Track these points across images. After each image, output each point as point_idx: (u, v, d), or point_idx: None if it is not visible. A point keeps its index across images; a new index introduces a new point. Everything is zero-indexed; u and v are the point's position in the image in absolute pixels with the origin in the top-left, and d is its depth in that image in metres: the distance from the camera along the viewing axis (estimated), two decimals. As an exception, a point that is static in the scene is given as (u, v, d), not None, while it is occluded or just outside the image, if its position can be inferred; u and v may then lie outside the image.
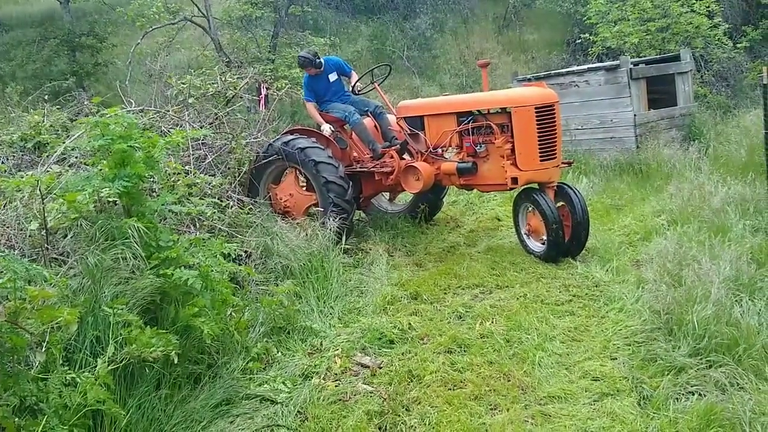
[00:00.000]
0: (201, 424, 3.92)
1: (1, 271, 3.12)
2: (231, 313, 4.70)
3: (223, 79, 8.30)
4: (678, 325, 4.53)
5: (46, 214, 4.06)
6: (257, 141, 8.05)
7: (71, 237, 4.30)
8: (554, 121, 6.75)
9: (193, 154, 6.72)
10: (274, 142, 7.74)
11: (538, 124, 6.62)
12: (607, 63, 12.22)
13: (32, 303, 3.09)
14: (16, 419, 3.01)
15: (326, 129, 7.97)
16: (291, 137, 7.71)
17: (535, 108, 6.62)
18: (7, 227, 4.34)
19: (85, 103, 8.11)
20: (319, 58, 8.15)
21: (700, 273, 4.94)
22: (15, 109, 9.18)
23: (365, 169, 7.97)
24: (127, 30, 22.33)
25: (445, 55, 22.11)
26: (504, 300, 5.74)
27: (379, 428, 3.93)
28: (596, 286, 5.94)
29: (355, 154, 8.24)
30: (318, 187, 7.48)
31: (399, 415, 4.01)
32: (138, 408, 3.72)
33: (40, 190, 3.88)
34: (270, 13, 18.78)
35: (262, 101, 9.05)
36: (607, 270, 6.26)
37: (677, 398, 3.94)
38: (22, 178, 4.54)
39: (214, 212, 5.52)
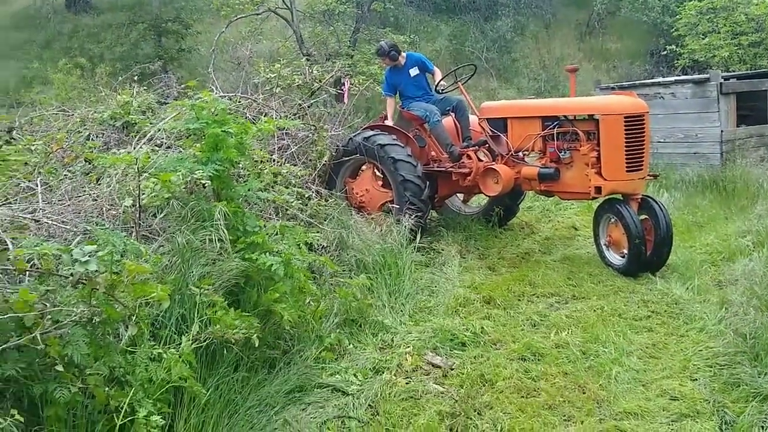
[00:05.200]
0: (274, 409, 3.96)
1: (101, 244, 3.22)
2: (309, 302, 4.74)
3: (311, 70, 8.39)
4: (765, 351, 4.35)
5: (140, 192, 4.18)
6: (337, 134, 8.12)
7: (162, 216, 4.42)
8: (643, 132, 6.57)
9: (277, 144, 6.83)
10: (354, 136, 7.79)
11: (626, 134, 6.46)
12: (696, 76, 11.85)
13: (127, 277, 3.17)
14: (106, 389, 3.10)
15: (388, 122, 8.14)
16: (372, 133, 7.75)
17: (625, 117, 6.46)
18: (104, 202, 4.49)
19: (174, 86, 8.31)
20: (394, 50, 8.16)
21: (792, 299, 4.75)
22: (104, 89, 9.49)
23: (443, 169, 7.93)
24: (211, 18, 22.85)
25: (525, 58, 21.87)
26: (580, 311, 5.62)
27: (451, 429, 3.90)
28: (676, 304, 5.76)
29: (433, 153, 8.21)
30: (395, 185, 7.50)
31: (471, 419, 3.97)
32: (216, 388, 3.77)
33: (138, 168, 3.99)
34: (352, 8, 18.91)
35: (345, 95, 9.12)
36: (688, 288, 6.06)
37: (763, 426, 3.78)
38: (114, 155, 4.68)
39: (298, 202, 5.58)
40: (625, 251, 6.47)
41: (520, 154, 7.39)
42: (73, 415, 3.10)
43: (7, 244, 3.45)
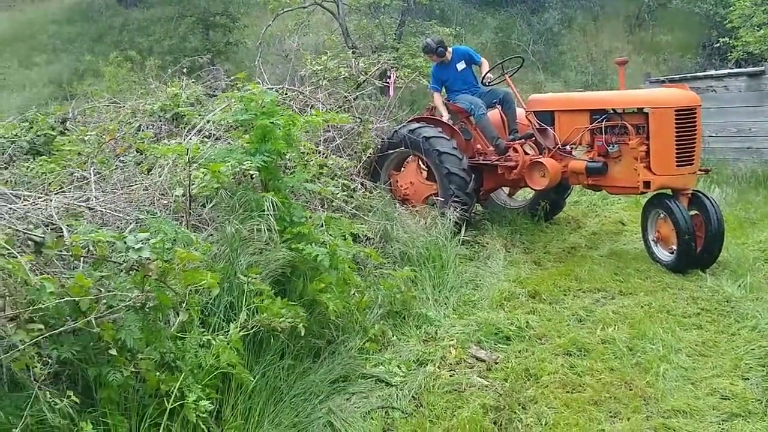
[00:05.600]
0: (319, 397, 4.00)
1: (153, 232, 3.29)
2: (354, 293, 4.77)
3: (357, 63, 8.43)
4: (821, 352, 4.24)
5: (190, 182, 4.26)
6: (382, 127, 8.13)
7: (211, 206, 4.50)
8: (695, 126, 6.42)
9: (323, 135, 6.87)
10: (399, 128, 7.78)
11: (677, 128, 6.32)
12: (750, 69, 11.55)
13: (179, 265, 3.24)
14: (157, 373, 3.17)
15: (445, 118, 8.03)
16: (417, 125, 7.73)
17: (675, 110, 6.33)
18: (155, 191, 4.58)
19: (222, 78, 8.43)
20: (441, 46, 8.13)
21: None
22: (153, 81, 9.68)
23: (488, 162, 7.87)
24: (258, 12, 23.10)
25: (572, 51, 21.57)
26: (627, 307, 5.53)
27: (494, 423, 3.88)
28: (727, 302, 5.63)
29: (478, 146, 8.15)
30: (440, 178, 7.47)
31: (515, 413, 3.95)
32: (263, 376, 3.83)
33: (188, 159, 4.07)
34: (398, 0, 18.87)
35: (391, 87, 9.15)
36: (740, 286, 5.92)
37: (816, 428, 3.69)
38: (165, 146, 4.78)
39: (343, 194, 5.62)
40: (674, 247, 6.35)
41: (568, 147, 7.28)
42: (125, 398, 3.19)
43: (62, 231, 3.55)
